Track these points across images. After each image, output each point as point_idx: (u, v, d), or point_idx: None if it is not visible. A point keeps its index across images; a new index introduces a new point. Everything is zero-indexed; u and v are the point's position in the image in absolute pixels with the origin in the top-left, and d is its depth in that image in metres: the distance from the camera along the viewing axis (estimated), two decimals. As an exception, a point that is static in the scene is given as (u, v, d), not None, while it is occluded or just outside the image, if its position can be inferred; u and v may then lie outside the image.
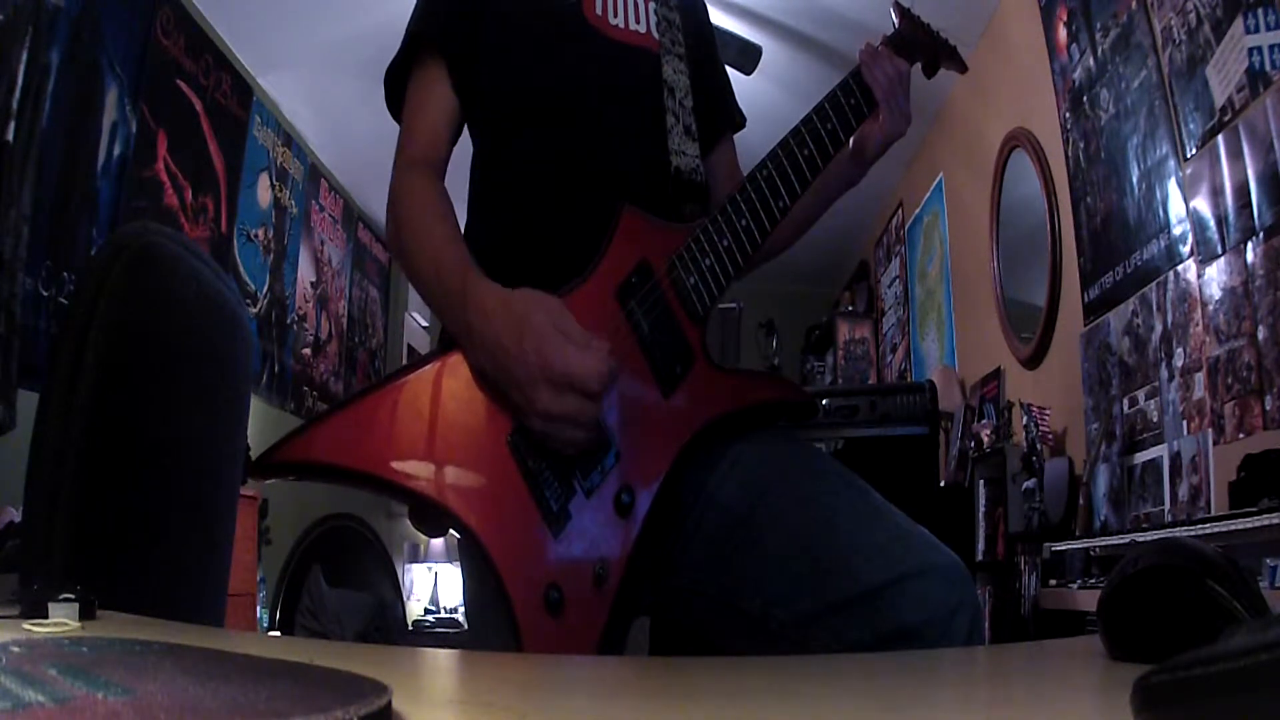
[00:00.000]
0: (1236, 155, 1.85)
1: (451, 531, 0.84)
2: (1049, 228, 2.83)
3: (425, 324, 6.00)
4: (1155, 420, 2.16)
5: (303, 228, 4.40)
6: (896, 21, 1.07)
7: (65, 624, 0.56)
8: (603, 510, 0.84)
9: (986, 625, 2.54)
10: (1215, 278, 1.93)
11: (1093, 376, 2.51)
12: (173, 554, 0.99)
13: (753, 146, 1.09)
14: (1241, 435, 1.81)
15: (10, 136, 2.12)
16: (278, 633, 3.57)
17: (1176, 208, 2.11)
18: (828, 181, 1.04)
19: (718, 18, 3.19)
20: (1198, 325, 2.00)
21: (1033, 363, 2.98)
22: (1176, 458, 2.05)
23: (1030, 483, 2.48)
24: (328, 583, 3.93)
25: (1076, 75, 2.65)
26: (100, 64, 2.74)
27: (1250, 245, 1.81)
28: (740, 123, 1.18)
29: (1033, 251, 2.98)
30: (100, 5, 2.71)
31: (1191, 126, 2.04)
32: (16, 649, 0.36)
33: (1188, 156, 2.05)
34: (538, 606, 0.79)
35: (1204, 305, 1.97)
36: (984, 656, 0.78)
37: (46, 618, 0.57)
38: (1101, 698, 0.44)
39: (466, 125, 1.02)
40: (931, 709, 0.44)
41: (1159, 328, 2.16)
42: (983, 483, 2.94)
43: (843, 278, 5.81)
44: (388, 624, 4.28)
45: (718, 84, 1.17)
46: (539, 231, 0.97)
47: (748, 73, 3.40)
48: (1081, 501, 2.38)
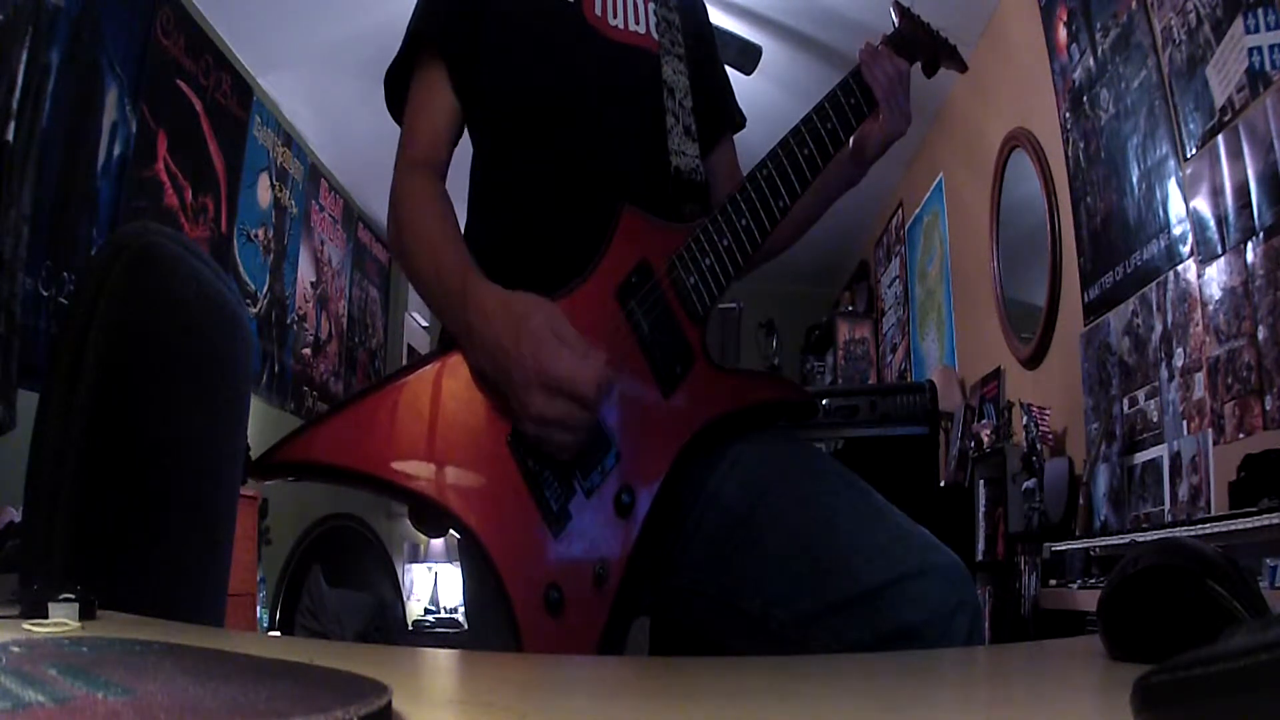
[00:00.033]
0: (1236, 155, 1.85)
1: (451, 531, 0.84)
2: (1049, 228, 2.83)
3: (425, 324, 6.00)
4: (1155, 420, 2.16)
5: (303, 228, 4.40)
6: (896, 21, 1.07)
7: (65, 624, 0.56)
8: (603, 510, 0.84)
9: (986, 625, 2.54)
10: (1215, 278, 1.93)
11: (1093, 376, 2.51)
12: (173, 554, 0.99)
13: (753, 146, 1.09)
14: (1241, 435, 1.81)
15: (10, 136, 2.12)
16: (278, 633, 3.57)
17: (1176, 208, 2.11)
18: (828, 181, 1.04)
19: (718, 18, 3.19)
20: (1198, 325, 2.00)
21: (1033, 363, 2.98)
22: (1176, 458, 2.05)
23: (1030, 483, 2.48)
24: (328, 583, 3.93)
25: (1076, 75, 2.65)
26: (100, 64, 2.74)
27: (1250, 245, 1.81)
28: (740, 123, 1.18)
29: (1033, 251, 2.98)
30: (100, 5, 2.71)
31: (1191, 126, 2.04)
32: (16, 649, 0.36)
33: (1188, 156, 2.05)
34: (538, 606, 0.79)
35: (1204, 305, 1.97)
36: (984, 656, 0.78)
37: (46, 618, 0.57)
38: (1101, 698, 0.44)
39: (466, 125, 1.02)
40: (931, 709, 0.44)
41: (1159, 328, 2.16)
42: (983, 483, 2.94)
43: (843, 278, 5.81)
44: (388, 624, 4.28)
45: (717, 84, 1.17)
46: (539, 231, 0.97)
47: (748, 73, 3.40)
48: (1081, 501, 2.38)
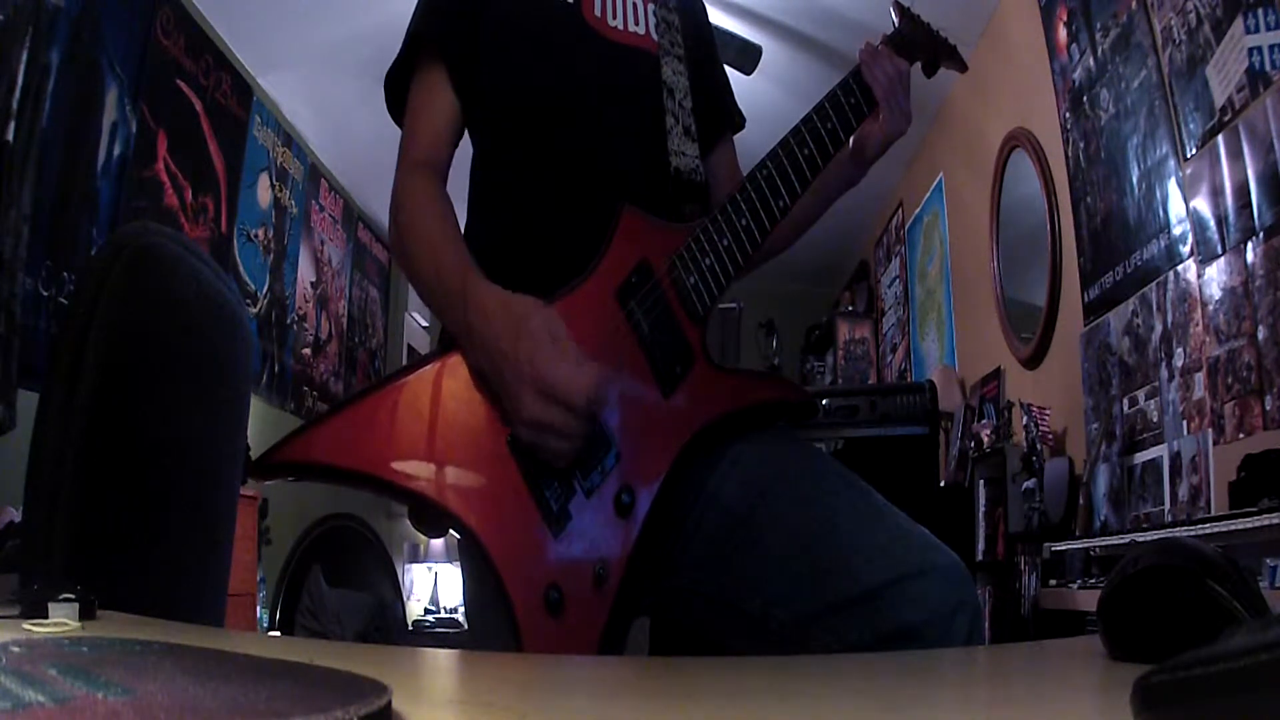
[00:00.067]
0: (1236, 155, 1.85)
1: (451, 531, 0.84)
2: (1049, 228, 2.83)
3: (425, 324, 6.00)
4: (1155, 420, 2.16)
5: (303, 228, 4.40)
6: (896, 21, 1.07)
7: (65, 624, 0.56)
8: (603, 510, 0.84)
9: (986, 625, 2.54)
10: (1215, 278, 1.93)
11: (1093, 376, 2.51)
12: (173, 554, 0.99)
13: (753, 146, 1.09)
14: (1241, 435, 1.81)
15: (10, 136, 2.12)
16: (278, 633, 3.57)
17: (1176, 208, 2.11)
18: (828, 181, 1.04)
19: (718, 18, 3.19)
20: (1198, 325, 2.00)
21: (1033, 363, 2.98)
22: (1176, 458, 2.05)
23: (1030, 483, 2.47)
24: (328, 583, 3.93)
25: (1076, 75, 2.65)
26: (100, 64, 2.74)
27: (1250, 245, 1.81)
28: (740, 123, 1.18)
29: (1033, 251, 2.98)
30: (100, 5, 2.71)
31: (1191, 126, 2.04)
32: (16, 649, 0.36)
33: (1188, 156, 2.05)
34: (538, 607, 0.79)
35: (1204, 305, 1.97)
36: (984, 656, 0.78)
37: (46, 618, 0.57)
38: (1101, 698, 0.44)
39: (466, 125, 1.02)
40: (931, 709, 0.44)
41: (1159, 328, 2.16)
42: (983, 483, 2.94)
43: (843, 278, 5.81)
44: (388, 624, 4.28)
45: (717, 85, 1.17)
46: (539, 231, 0.97)
47: (748, 73, 3.40)
48: (1081, 501, 2.38)
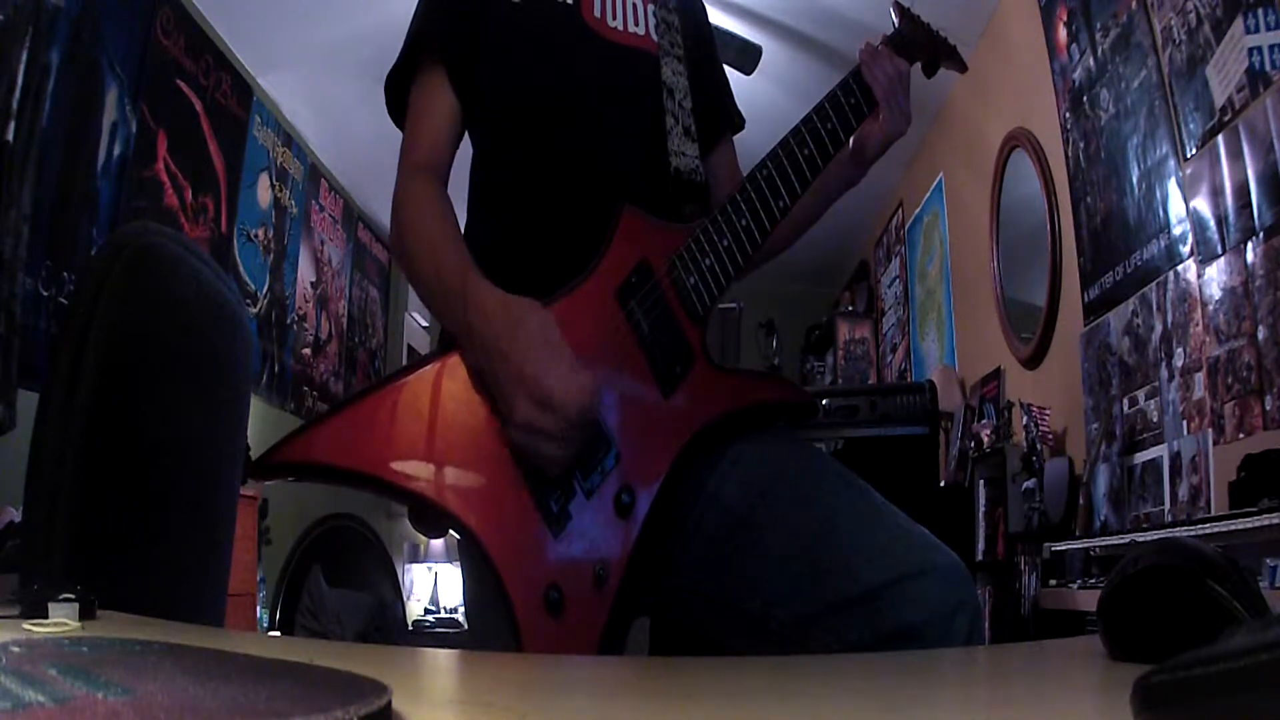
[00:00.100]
0: (1236, 155, 1.85)
1: (451, 532, 0.84)
2: (1049, 228, 2.83)
3: (425, 324, 6.00)
4: (1155, 420, 2.16)
5: (303, 228, 4.40)
6: (896, 21, 1.07)
7: (65, 624, 0.56)
8: (603, 511, 0.84)
9: (986, 625, 2.54)
10: (1215, 278, 1.93)
11: (1093, 376, 2.51)
12: (173, 554, 0.99)
13: (753, 146, 1.09)
14: (1241, 435, 1.81)
15: (10, 136, 2.12)
16: (278, 633, 3.57)
17: (1176, 208, 2.11)
18: (828, 181, 1.04)
19: (718, 18, 3.19)
20: (1198, 325, 2.00)
21: (1033, 363, 2.98)
22: (1176, 458, 2.05)
23: (1030, 483, 2.47)
24: (328, 583, 3.93)
25: (1076, 75, 2.65)
26: (100, 64, 2.74)
27: (1250, 245, 1.81)
28: (739, 123, 1.18)
29: (1033, 251, 2.98)
30: (100, 5, 2.71)
31: (1191, 126, 2.04)
32: (16, 649, 0.36)
33: (1188, 156, 2.05)
34: (538, 607, 0.79)
35: (1204, 305, 1.97)
36: (984, 656, 0.78)
37: (46, 618, 0.57)
38: (1101, 698, 0.44)
39: (466, 126, 1.02)
40: (931, 709, 0.44)
41: (1159, 328, 2.16)
42: (983, 483, 2.94)
43: (843, 278, 5.81)
44: (388, 624, 4.28)
45: (717, 85, 1.17)
46: (539, 231, 0.97)
47: (748, 73, 3.40)
48: (1081, 501, 2.38)
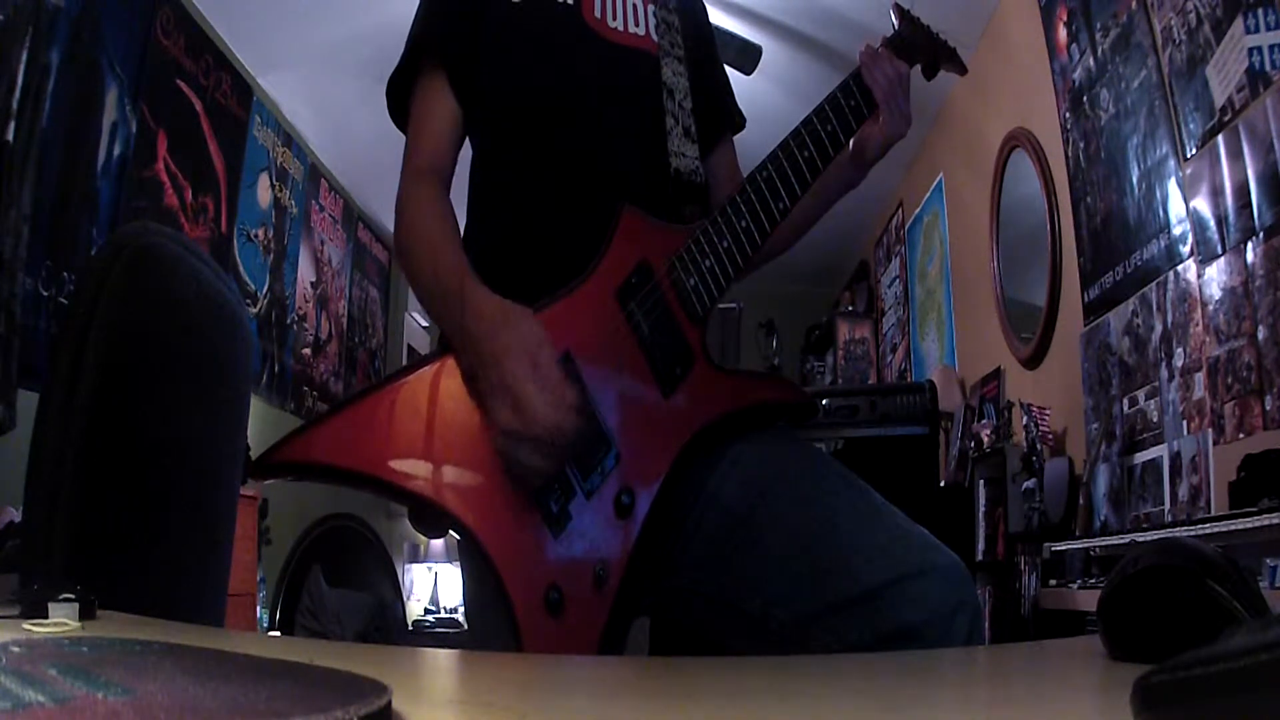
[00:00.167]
0: (1236, 155, 1.85)
1: (451, 532, 0.84)
2: (1049, 228, 2.83)
3: (425, 324, 6.00)
4: (1155, 420, 2.16)
5: (303, 228, 4.40)
6: (896, 23, 1.07)
7: (65, 624, 0.56)
8: (603, 511, 0.84)
9: (986, 625, 2.54)
10: (1215, 278, 1.93)
11: (1093, 376, 2.51)
12: (173, 554, 0.99)
13: (753, 147, 1.09)
14: (1241, 435, 1.81)
15: (10, 136, 2.12)
16: (278, 633, 3.57)
17: (1176, 208, 2.11)
18: (827, 183, 1.04)
19: (718, 18, 3.19)
20: (1198, 325, 2.00)
21: (1033, 363, 2.98)
22: (1176, 458, 2.05)
23: (1030, 483, 2.47)
24: (328, 583, 3.93)
25: (1076, 75, 2.65)
26: (100, 64, 2.74)
27: (1250, 245, 1.81)
28: (740, 123, 1.18)
29: (1033, 251, 2.98)
30: (100, 5, 2.71)
31: (1191, 126, 2.04)
32: (16, 649, 0.36)
33: (1188, 156, 2.05)
34: (538, 607, 0.79)
35: (1204, 305, 1.97)
36: (984, 656, 0.78)
37: (46, 618, 0.57)
38: (1101, 698, 0.44)
39: (467, 126, 1.02)
40: (931, 709, 0.44)
41: (1159, 328, 2.16)
42: (983, 483, 2.94)
43: (843, 278, 5.80)
44: (388, 624, 4.28)
45: (717, 85, 1.17)
46: (539, 232, 0.97)
47: (748, 73, 3.40)
48: (1081, 501, 2.38)
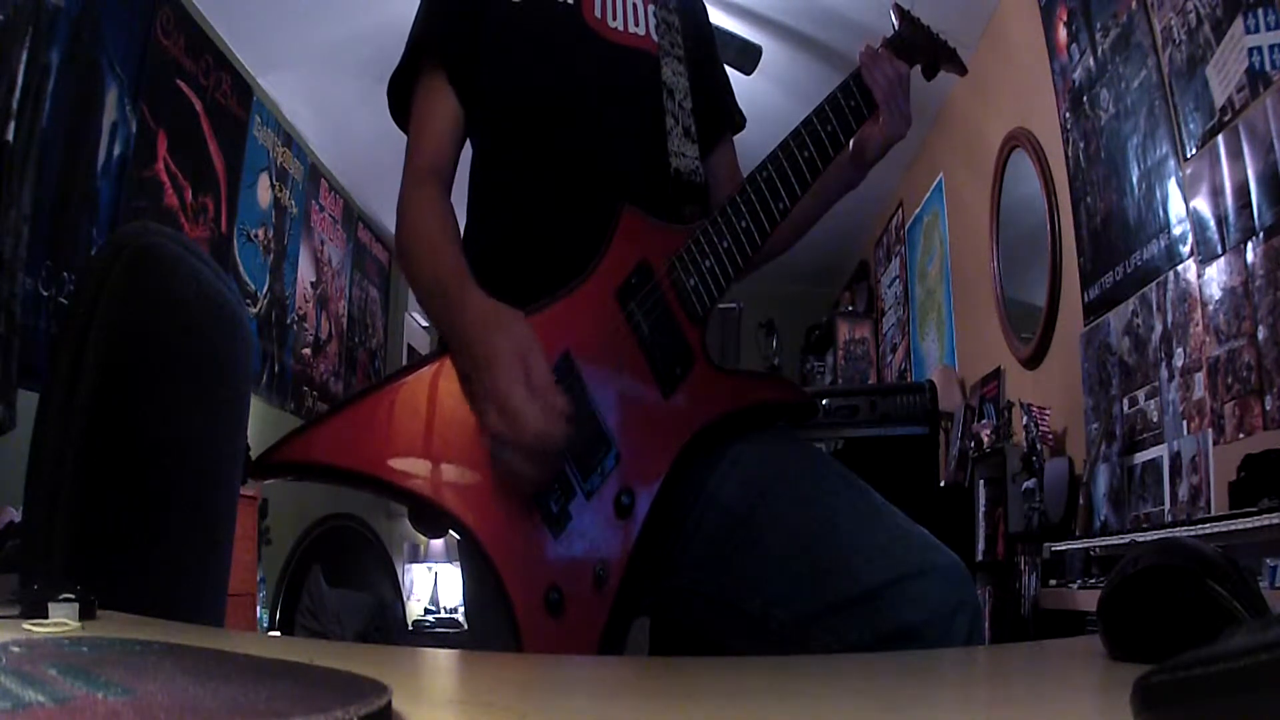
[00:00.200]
0: (1236, 155, 1.85)
1: (451, 532, 0.84)
2: (1049, 228, 2.83)
3: (425, 324, 6.00)
4: (1155, 420, 2.16)
5: (303, 228, 4.40)
6: (896, 23, 1.07)
7: (65, 624, 0.56)
8: (603, 511, 0.84)
9: (986, 625, 2.54)
10: (1215, 278, 1.93)
11: (1093, 376, 2.51)
12: (173, 554, 0.99)
13: (753, 147, 1.09)
14: (1241, 435, 1.81)
15: (10, 136, 2.12)
16: (278, 633, 3.57)
17: (1176, 208, 2.11)
18: (827, 183, 1.04)
19: (718, 18, 3.19)
20: (1198, 325, 2.00)
21: (1033, 363, 2.98)
22: (1176, 458, 2.05)
23: (1030, 483, 2.47)
24: (328, 583, 3.93)
25: (1076, 75, 2.65)
26: (100, 64, 2.74)
27: (1250, 245, 1.81)
28: (740, 123, 1.18)
29: (1033, 251, 2.98)
30: (100, 5, 2.71)
31: (1191, 126, 2.04)
32: (16, 649, 0.36)
33: (1188, 156, 2.05)
34: (538, 607, 0.79)
35: (1204, 305, 1.97)
36: (984, 656, 0.78)
37: (46, 618, 0.57)
38: (1101, 698, 0.44)
39: (467, 126, 1.02)
40: (931, 709, 0.44)
41: (1159, 328, 2.16)
42: (983, 483, 2.94)
43: (843, 278, 5.80)
44: (388, 624, 4.28)
45: (717, 85, 1.16)
46: (539, 232, 0.97)
47: (748, 73, 3.40)
48: (1081, 501, 2.38)
